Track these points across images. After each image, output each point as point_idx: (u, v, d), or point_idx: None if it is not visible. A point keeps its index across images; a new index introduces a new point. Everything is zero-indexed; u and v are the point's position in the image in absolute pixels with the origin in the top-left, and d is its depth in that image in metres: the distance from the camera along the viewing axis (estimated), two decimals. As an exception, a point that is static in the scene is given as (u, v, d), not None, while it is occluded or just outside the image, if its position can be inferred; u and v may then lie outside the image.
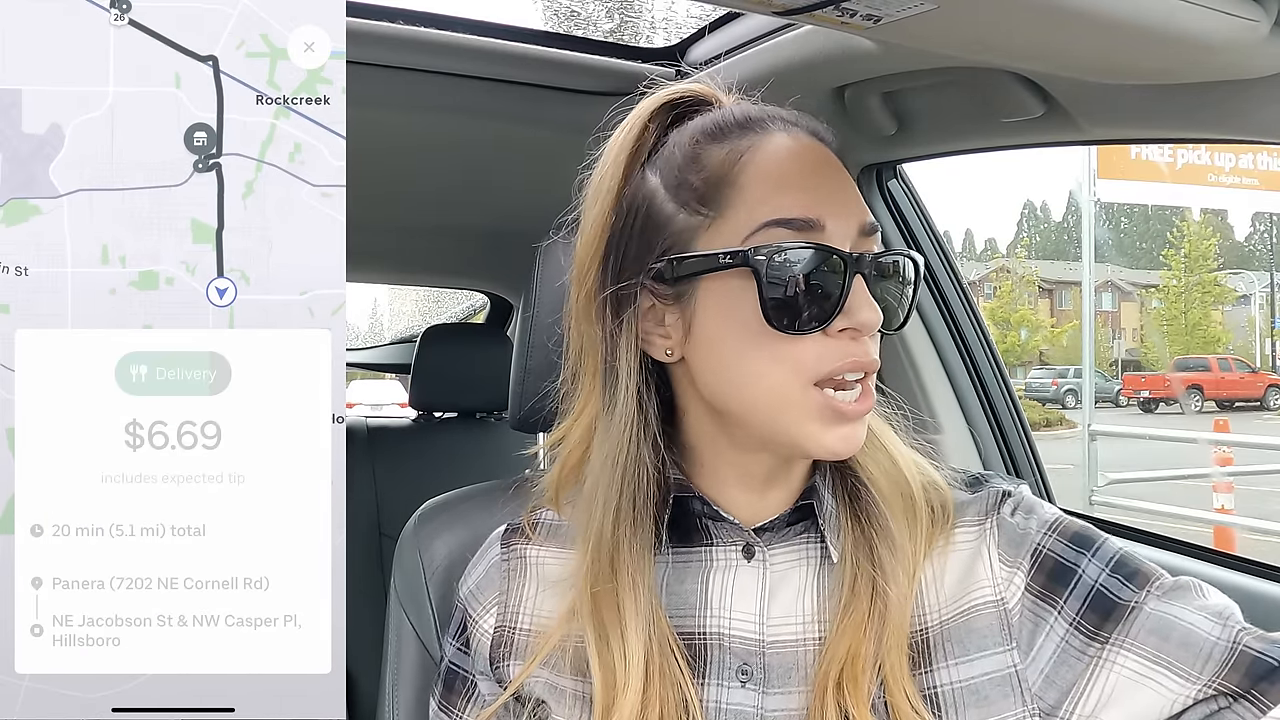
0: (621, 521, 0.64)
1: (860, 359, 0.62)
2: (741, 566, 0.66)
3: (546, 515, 0.73)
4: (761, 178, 0.63)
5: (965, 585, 0.65)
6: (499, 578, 0.71)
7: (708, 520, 0.67)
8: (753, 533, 0.66)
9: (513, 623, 0.69)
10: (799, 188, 0.62)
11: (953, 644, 0.63)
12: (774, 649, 0.64)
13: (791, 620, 0.65)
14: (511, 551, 0.72)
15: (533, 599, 0.70)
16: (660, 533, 0.65)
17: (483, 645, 0.70)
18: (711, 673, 0.64)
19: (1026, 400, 17.30)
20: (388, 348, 3.27)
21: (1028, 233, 46.86)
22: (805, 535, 0.67)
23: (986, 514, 0.67)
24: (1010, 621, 0.63)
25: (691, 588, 0.66)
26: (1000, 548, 0.65)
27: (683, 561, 0.67)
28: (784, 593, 0.65)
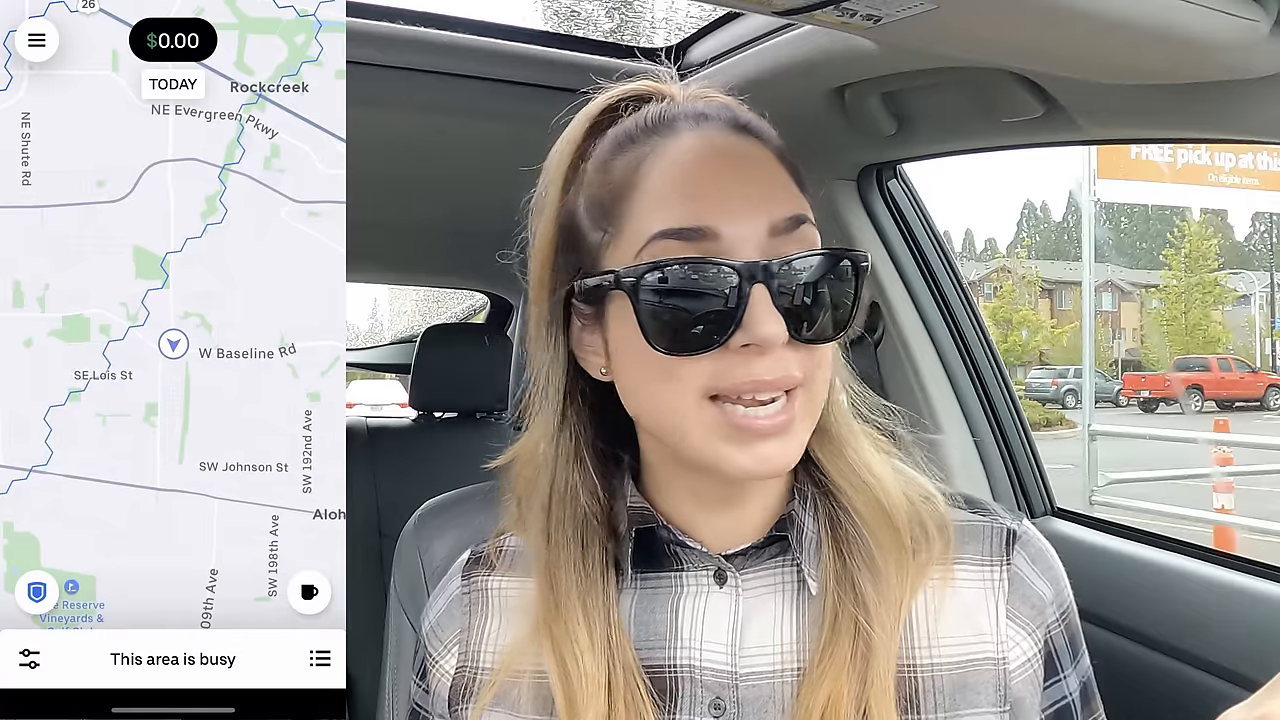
0: (563, 548, 0.62)
1: (762, 378, 0.56)
2: (713, 593, 0.63)
3: (511, 541, 0.69)
4: (653, 187, 0.59)
5: (963, 632, 0.62)
6: (460, 613, 0.68)
7: (676, 546, 0.64)
8: (724, 558, 0.63)
9: (474, 662, 0.66)
10: (690, 194, 0.58)
11: (944, 695, 0.60)
12: (747, 682, 0.60)
13: (767, 650, 0.61)
14: (472, 584, 0.69)
15: (495, 635, 0.66)
16: (623, 564, 0.63)
17: (441, 687, 0.67)
18: (683, 707, 0.61)
19: (1026, 400, 17.29)
20: (388, 348, 3.27)
21: (1028, 233, 46.87)
22: (780, 561, 0.63)
23: (994, 558, 0.63)
24: (1009, 684, 0.61)
25: (661, 617, 0.63)
26: (1010, 603, 0.62)
27: (651, 589, 0.64)
28: (758, 621, 0.62)
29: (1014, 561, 0.64)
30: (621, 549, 0.63)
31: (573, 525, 0.63)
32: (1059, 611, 0.64)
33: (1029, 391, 20.82)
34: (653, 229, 0.58)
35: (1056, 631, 0.64)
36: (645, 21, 2.11)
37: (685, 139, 0.60)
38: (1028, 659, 0.62)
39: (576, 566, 0.62)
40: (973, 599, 0.63)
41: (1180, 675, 0.98)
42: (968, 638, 0.61)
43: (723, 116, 0.62)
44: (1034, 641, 0.62)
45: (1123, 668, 1.02)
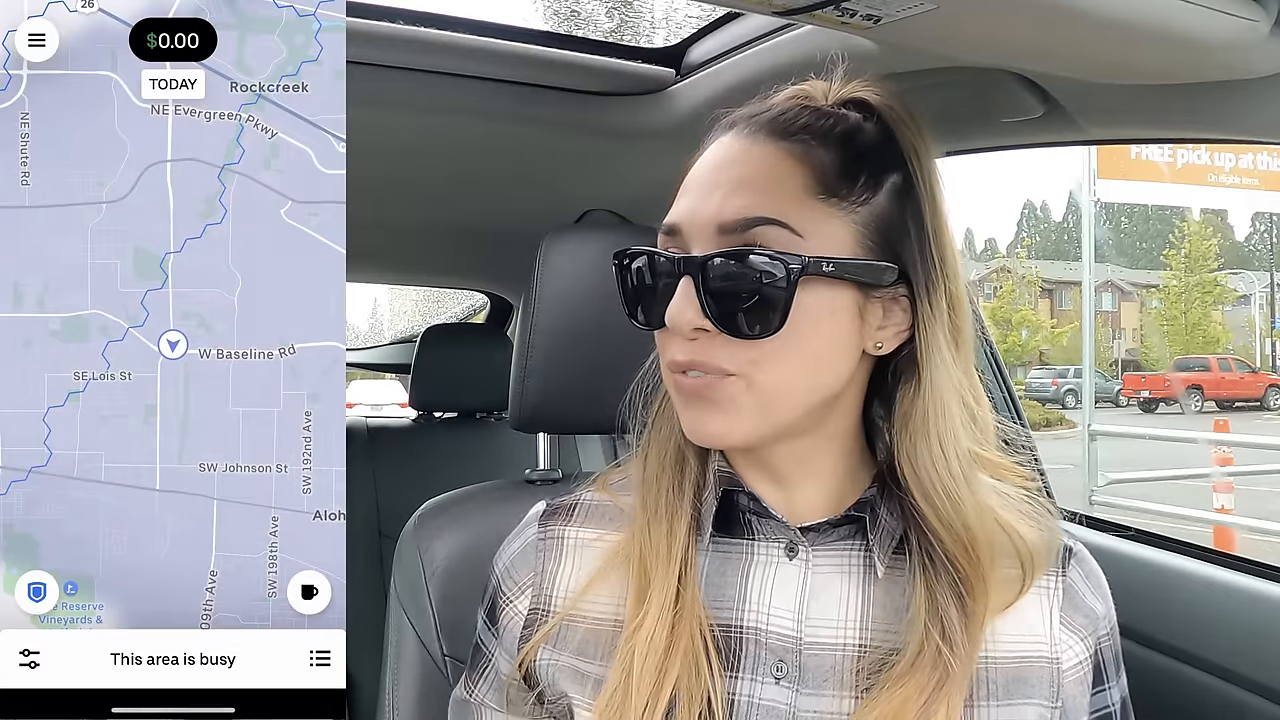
0: (662, 508, 0.66)
1: (674, 358, 0.63)
2: (783, 564, 0.66)
3: (589, 497, 0.73)
4: (681, 188, 0.66)
5: (1018, 632, 0.64)
6: (535, 557, 0.71)
7: (752, 515, 0.67)
8: (798, 531, 0.65)
9: (547, 605, 0.69)
10: (683, 196, 0.65)
11: (998, 685, 0.63)
12: (811, 649, 0.63)
13: (831, 623, 0.64)
14: (549, 531, 0.71)
15: (569, 579, 0.69)
16: (704, 525, 0.66)
17: (515, 625, 0.69)
18: (745, 667, 0.63)
19: (1026, 400, 17.30)
20: (388, 348, 3.27)
21: (1028, 232, 46.88)
22: (851, 545, 0.66)
23: (1051, 568, 0.67)
24: (1062, 683, 0.64)
25: (731, 580, 0.66)
26: (1063, 610, 0.66)
27: (724, 553, 0.67)
28: (825, 595, 0.65)
29: (1070, 575, 0.67)
30: (705, 509, 0.66)
31: (679, 488, 0.67)
32: (1109, 627, 0.68)
33: (1029, 391, 20.83)
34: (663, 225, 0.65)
35: (1106, 645, 0.68)
36: (645, 21, 2.12)
37: (712, 145, 0.66)
38: (1079, 661, 0.65)
39: (667, 518, 0.66)
40: (1029, 605, 0.65)
41: (1180, 675, 0.98)
42: (1023, 638, 0.64)
43: (747, 125, 0.65)
44: (1086, 648, 0.66)
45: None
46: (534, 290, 0.89)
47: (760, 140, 0.63)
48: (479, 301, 2.99)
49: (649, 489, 0.67)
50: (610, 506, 0.71)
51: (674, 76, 1.25)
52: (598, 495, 0.73)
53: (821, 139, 0.62)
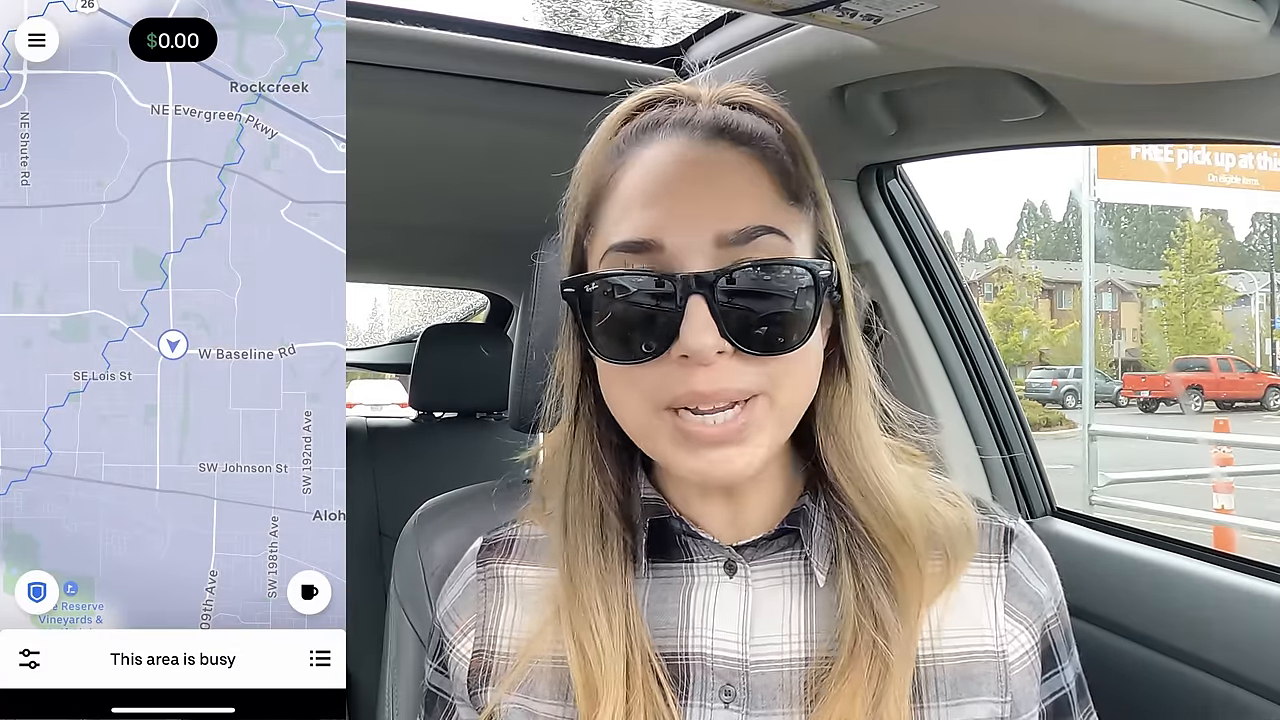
0: (581, 537, 0.64)
1: (699, 389, 0.56)
2: (723, 583, 0.64)
3: (527, 530, 0.71)
4: (619, 198, 0.60)
5: (963, 626, 0.63)
6: (475, 598, 0.70)
7: (687, 538, 0.65)
8: (734, 549, 0.64)
9: (491, 646, 0.68)
10: (646, 205, 0.58)
11: (946, 684, 0.62)
12: (757, 669, 0.62)
13: (775, 639, 0.63)
14: (487, 570, 0.70)
15: (511, 621, 0.68)
16: (638, 553, 0.64)
17: (460, 671, 0.69)
18: (694, 693, 0.62)
19: (1026, 400, 17.30)
20: (387, 348, 3.27)
21: (1028, 233, 46.88)
22: (789, 554, 0.65)
23: (992, 555, 0.65)
24: (1009, 675, 0.63)
25: (673, 606, 0.64)
26: (1007, 598, 0.64)
27: (664, 579, 0.65)
28: (768, 611, 0.63)
29: (1011, 560, 0.66)
30: (637, 539, 0.65)
31: (591, 515, 0.64)
32: (1055, 608, 0.67)
33: (1029, 391, 20.82)
34: (610, 240, 0.59)
35: (1054, 627, 0.66)
36: (645, 21, 2.12)
37: (657, 149, 0.61)
38: (1025, 652, 0.64)
39: (595, 555, 0.63)
40: (971, 594, 0.64)
41: (1180, 675, 0.98)
42: (968, 631, 0.63)
43: (707, 123, 0.62)
44: (1031, 635, 0.65)
45: (1122, 667, 1.02)
46: (534, 290, 0.90)
47: (720, 146, 0.60)
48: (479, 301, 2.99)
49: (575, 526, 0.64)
50: (547, 540, 0.69)
51: (674, 77, 1.25)
52: (533, 529, 0.71)
53: (772, 143, 0.62)
